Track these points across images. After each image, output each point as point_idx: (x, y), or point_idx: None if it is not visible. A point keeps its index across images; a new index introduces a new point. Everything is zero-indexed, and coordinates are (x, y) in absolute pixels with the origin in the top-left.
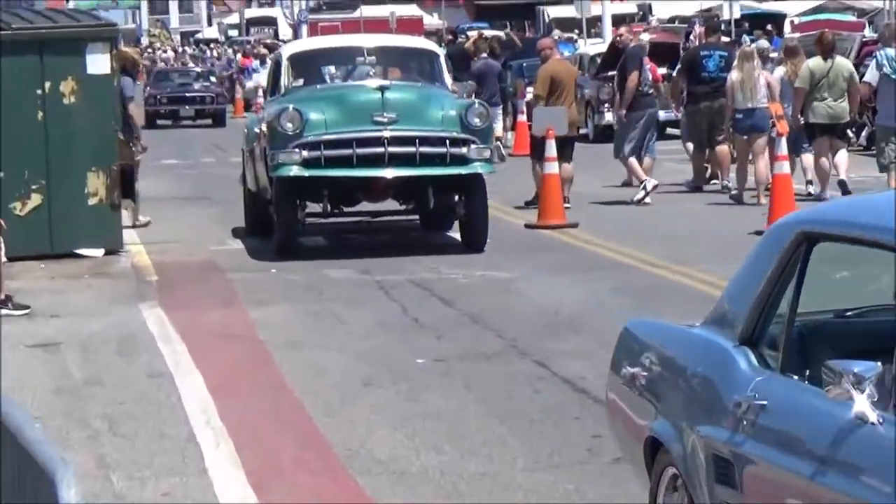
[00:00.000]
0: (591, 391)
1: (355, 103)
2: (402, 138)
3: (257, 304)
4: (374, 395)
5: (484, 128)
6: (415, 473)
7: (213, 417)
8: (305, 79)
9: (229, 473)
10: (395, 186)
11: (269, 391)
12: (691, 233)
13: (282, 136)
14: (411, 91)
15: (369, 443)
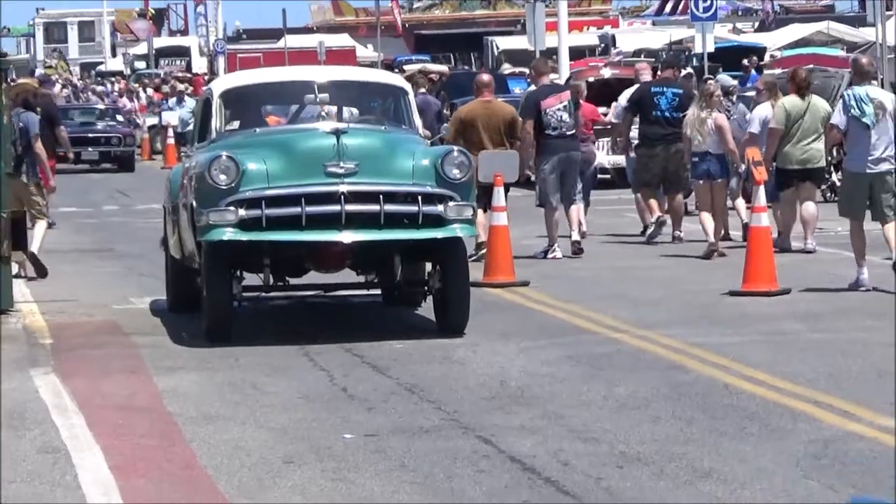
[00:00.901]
0: (541, 471)
1: (304, 151)
2: (362, 194)
3: (166, 371)
4: (297, 475)
5: (464, 181)
6: None
7: (115, 498)
8: (242, 121)
9: None
10: (354, 254)
11: (179, 470)
12: (657, 293)
13: (212, 190)
14: (374, 136)
15: None
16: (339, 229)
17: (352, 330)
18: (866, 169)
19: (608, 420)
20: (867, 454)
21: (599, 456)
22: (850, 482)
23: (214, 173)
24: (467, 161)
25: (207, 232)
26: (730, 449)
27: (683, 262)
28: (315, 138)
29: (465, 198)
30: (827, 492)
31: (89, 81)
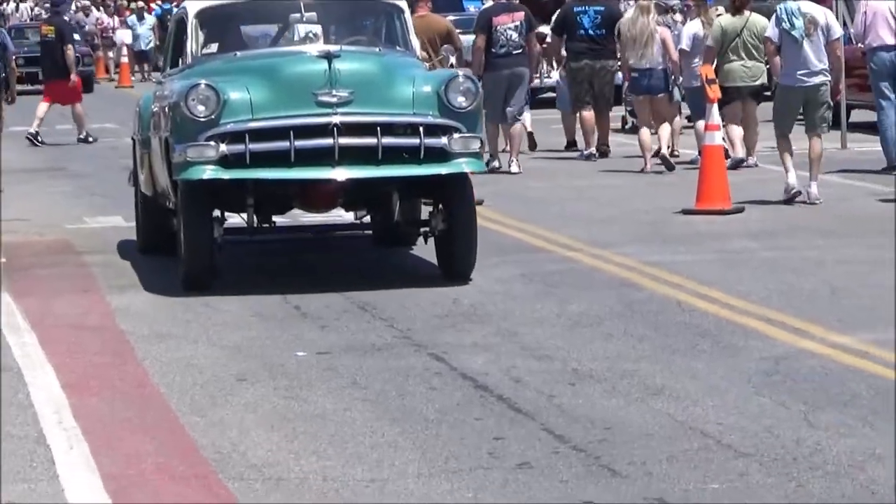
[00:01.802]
0: (494, 388)
1: (292, 78)
2: (358, 125)
3: (118, 290)
4: (249, 393)
5: (471, 109)
6: (293, 480)
7: (67, 417)
8: (220, 44)
9: (84, 479)
10: (348, 192)
11: (131, 388)
12: (610, 211)
13: (190, 123)
14: (369, 60)
15: (243, 445)
16: (332, 165)
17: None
18: (797, 83)
19: (561, 337)
20: (819, 371)
21: (552, 373)
22: (801, 399)
23: (192, 104)
24: (474, 87)
25: (185, 170)
26: (682, 366)
27: (635, 180)
28: (304, 63)
29: (471, 129)
30: (778, 408)
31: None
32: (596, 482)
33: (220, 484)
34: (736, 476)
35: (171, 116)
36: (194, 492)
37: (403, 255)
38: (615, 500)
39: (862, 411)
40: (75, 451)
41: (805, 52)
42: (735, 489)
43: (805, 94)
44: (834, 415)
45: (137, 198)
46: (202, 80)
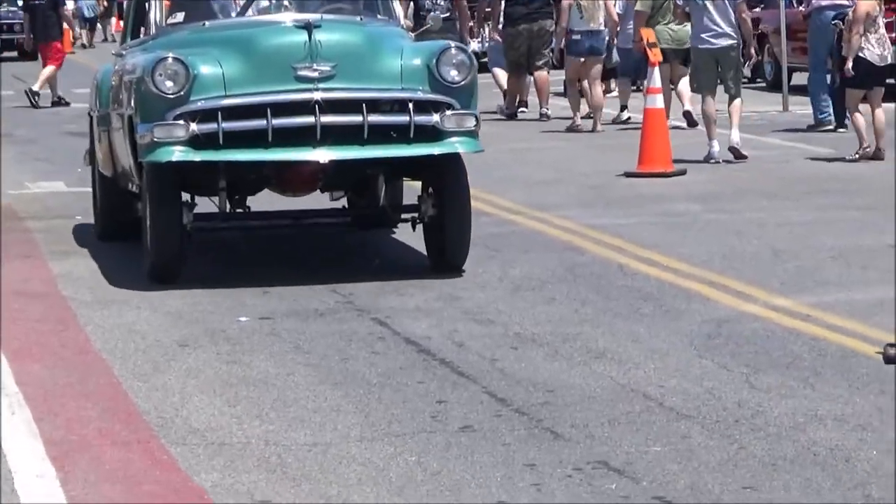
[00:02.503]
0: (436, 352)
1: (269, 50)
2: (341, 102)
3: (60, 256)
4: (192, 358)
5: (465, 83)
6: (236, 444)
7: (9, 383)
8: (187, 12)
9: (26, 444)
10: (329, 174)
11: (73, 353)
12: (551, 174)
13: (157, 100)
14: (352, 30)
15: (185, 410)
16: (314, 146)
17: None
18: (705, 44)
19: (503, 301)
20: (761, 334)
21: (494, 337)
22: (743, 361)
23: (159, 79)
24: (468, 60)
25: (152, 151)
26: (624, 329)
27: (577, 142)
28: (282, 34)
29: (465, 105)
30: (720, 371)
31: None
32: (538, 445)
33: (163, 448)
34: (678, 438)
35: (136, 93)
36: (137, 456)
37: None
38: (557, 462)
39: (804, 373)
40: (17, 417)
41: (711, 15)
42: (677, 451)
43: (715, 55)
44: (775, 377)
45: (95, 178)
46: (169, 53)
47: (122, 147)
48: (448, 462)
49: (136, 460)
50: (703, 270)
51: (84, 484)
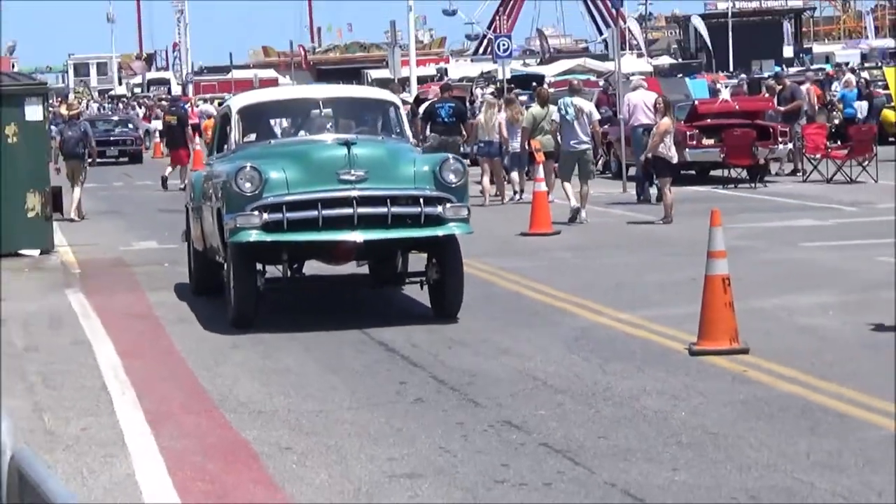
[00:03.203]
0: (399, 350)
1: (319, 160)
2: (371, 198)
3: (154, 290)
4: (240, 355)
5: (460, 185)
6: (268, 411)
7: (121, 373)
8: (258, 133)
9: (132, 415)
10: (363, 250)
11: (162, 353)
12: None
13: (239, 197)
14: (379, 146)
15: (235, 389)
16: (352, 229)
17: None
18: (572, 148)
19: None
20: (610, 337)
21: (437, 340)
22: (598, 355)
23: (240, 182)
24: (462, 167)
25: (235, 234)
26: (520, 334)
27: (490, 212)
28: (328, 149)
29: (460, 199)
30: (583, 361)
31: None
32: (465, 411)
33: (221, 415)
34: (555, 405)
35: (223, 191)
36: (204, 421)
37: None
38: (477, 422)
39: (637, 362)
40: (126, 396)
41: (575, 129)
42: (555, 414)
43: (576, 156)
44: (619, 365)
45: (190, 252)
46: (248, 163)
47: (211, 230)
48: (407, 422)
49: (203, 423)
50: (572, 295)
51: (170, 439)
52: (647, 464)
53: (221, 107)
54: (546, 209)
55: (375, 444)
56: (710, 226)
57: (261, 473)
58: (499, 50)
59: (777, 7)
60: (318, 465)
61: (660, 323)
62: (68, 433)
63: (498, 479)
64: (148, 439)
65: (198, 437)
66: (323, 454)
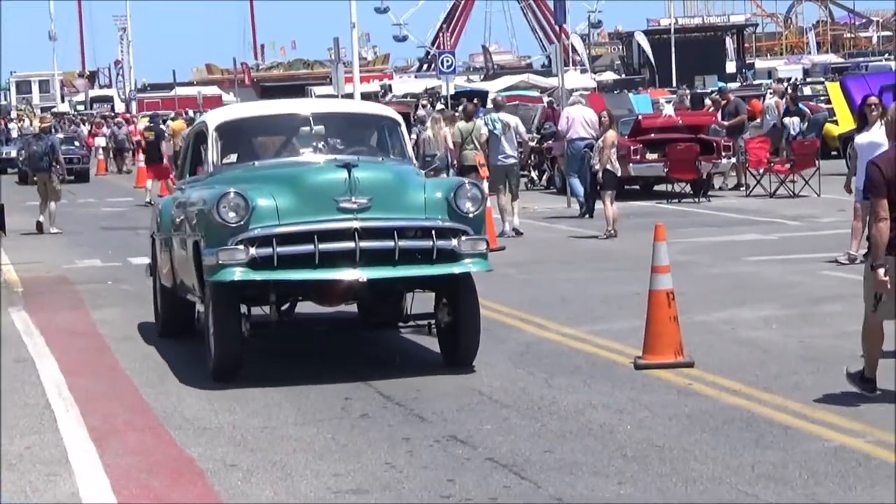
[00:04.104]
0: (346, 365)
1: (314, 185)
2: (376, 230)
3: (98, 307)
4: (186, 373)
5: (477, 214)
6: (213, 428)
7: (64, 390)
8: (239, 154)
9: (76, 432)
10: (362, 289)
11: (106, 371)
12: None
13: (221, 228)
14: (384, 169)
15: (180, 407)
16: (354, 266)
17: None
18: (500, 162)
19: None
20: (555, 351)
21: (385, 359)
22: (543, 369)
23: (223, 210)
24: (480, 194)
25: (217, 272)
26: None
27: None
28: (325, 172)
29: (477, 231)
30: (529, 375)
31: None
32: (411, 425)
33: (166, 432)
34: (501, 420)
35: (202, 221)
36: (148, 438)
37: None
38: (423, 437)
39: (583, 377)
40: (70, 414)
41: (503, 144)
42: (501, 428)
43: (505, 170)
44: (564, 379)
45: (156, 288)
46: (231, 189)
47: (184, 265)
48: (353, 437)
49: (148, 441)
50: (517, 311)
51: (114, 456)
52: (593, 477)
53: (194, 124)
54: (491, 224)
55: (321, 459)
56: (654, 240)
57: (206, 490)
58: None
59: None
60: (264, 482)
61: (605, 337)
62: (12, 451)
63: (444, 494)
64: (92, 457)
65: (142, 454)
66: (268, 470)
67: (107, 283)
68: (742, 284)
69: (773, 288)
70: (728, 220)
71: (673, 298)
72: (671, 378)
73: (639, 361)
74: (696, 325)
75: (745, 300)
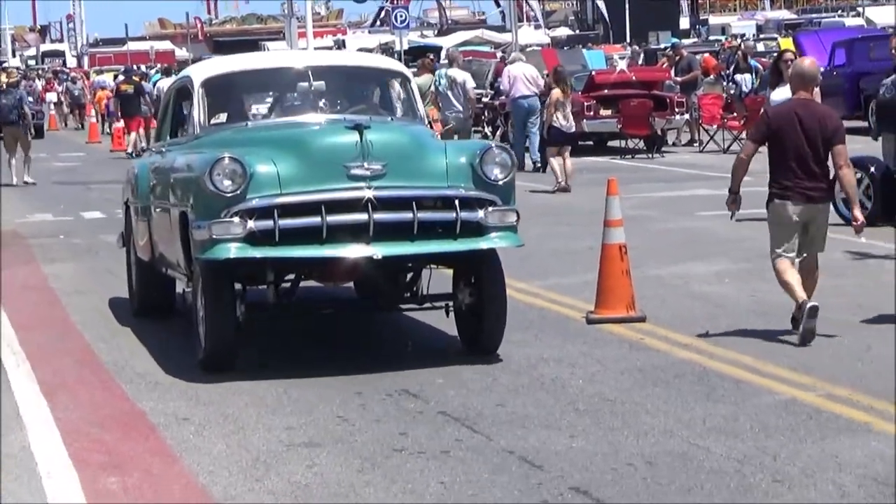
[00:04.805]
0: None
1: (321, 150)
2: (392, 200)
3: (49, 262)
4: (139, 328)
5: (507, 181)
6: (165, 383)
7: (16, 345)
8: (229, 113)
9: (27, 386)
10: (373, 267)
11: (58, 325)
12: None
13: (214, 198)
14: (399, 131)
15: (132, 361)
16: (366, 241)
17: None
18: (447, 117)
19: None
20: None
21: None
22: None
23: (217, 178)
24: (509, 158)
25: (209, 248)
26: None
27: None
28: (334, 134)
29: (506, 201)
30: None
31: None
32: (363, 380)
33: (118, 386)
34: (454, 374)
35: (192, 190)
36: (99, 392)
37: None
38: (375, 391)
39: (535, 331)
40: (21, 368)
41: (450, 99)
42: (453, 382)
43: (454, 126)
44: (517, 334)
45: (130, 261)
46: (226, 153)
47: (165, 239)
48: (305, 391)
49: (99, 394)
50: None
51: (65, 411)
52: (545, 431)
53: (175, 79)
54: None
55: (273, 413)
56: (607, 195)
57: (158, 444)
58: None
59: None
60: (216, 436)
61: (557, 292)
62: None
63: (396, 447)
64: (43, 411)
65: (94, 408)
66: (220, 424)
67: (58, 237)
68: (694, 239)
69: (726, 242)
70: (681, 176)
71: (625, 253)
72: (623, 332)
73: (591, 316)
74: (649, 280)
75: (697, 255)
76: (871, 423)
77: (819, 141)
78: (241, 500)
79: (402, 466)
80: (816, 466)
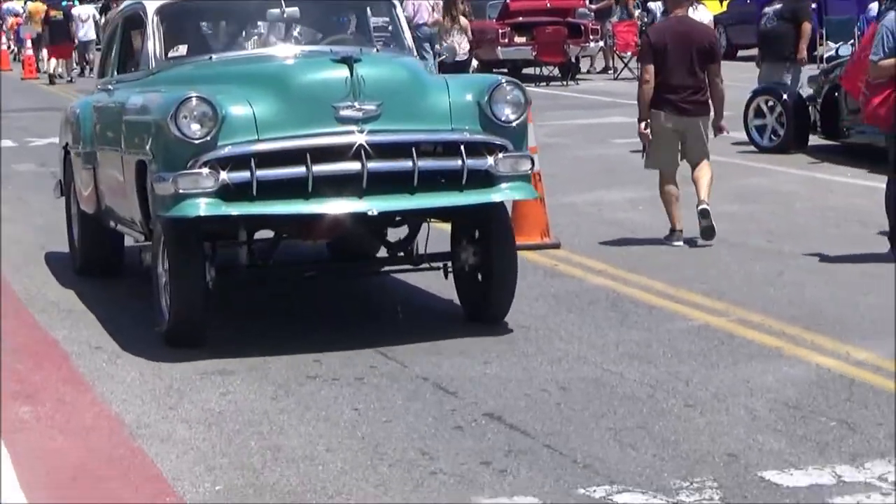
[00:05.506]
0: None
1: (305, 87)
2: (388, 146)
3: None
4: (50, 256)
5: (520, 122)
6: (78, 311)
7: None
8: (189, 46)
9: None
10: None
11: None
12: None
13: (179, 145)
14: (394, 65)
15: (45, 289)
16: (359, 195)
17: None
18: None
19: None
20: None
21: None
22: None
23: (183, 122)
24: (523, 96)
25: (175, 205)
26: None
27: None
28: (319, 69)
29: (518, 146)
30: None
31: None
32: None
33: (30, 315)
34: (367, 303)
35: (152, 136)
36: (10, 321)
37: None
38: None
39: None
40: None
41: None
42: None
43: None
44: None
45: (71, 214)
46: (192, 93)
47: (116, 191)
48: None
49: (10, 322)
50: None
51: None
52: (459, 357)
53: (123, 6)
54: None
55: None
56: None
57: (70, 372)
58: None
59: None
60: (129, 364)
61: None
62: None
63: (310, 374)
64: None
65: (5, 336)
66: (133, 353)
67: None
68: (609, 167)
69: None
70: (596, 103)
71: (540, 180)
72: (537, 259)
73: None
74: (563, 207)
75: (611, 182)
76: (782, 348)
77: (693, 55)
78: (154, 427)
79: (316, 393)
80: (728, 391)
